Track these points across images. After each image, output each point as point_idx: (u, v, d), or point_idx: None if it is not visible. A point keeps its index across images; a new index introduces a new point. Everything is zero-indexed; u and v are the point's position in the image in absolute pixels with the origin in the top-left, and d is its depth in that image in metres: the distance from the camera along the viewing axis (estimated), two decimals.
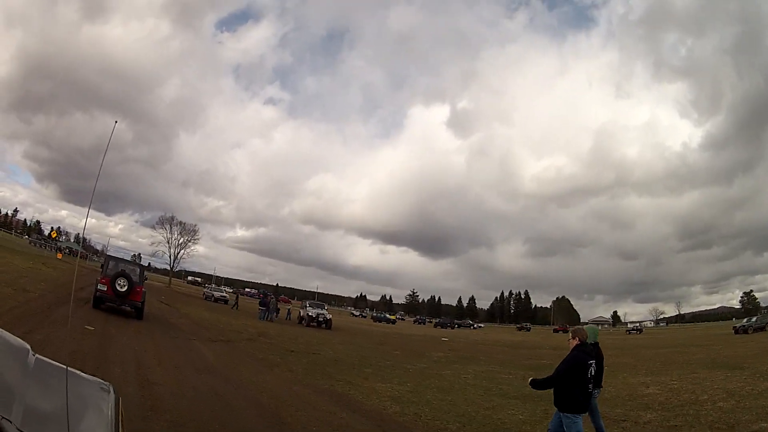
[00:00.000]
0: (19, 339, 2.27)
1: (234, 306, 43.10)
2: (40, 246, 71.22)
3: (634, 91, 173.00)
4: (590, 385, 6.24)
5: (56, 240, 73.12)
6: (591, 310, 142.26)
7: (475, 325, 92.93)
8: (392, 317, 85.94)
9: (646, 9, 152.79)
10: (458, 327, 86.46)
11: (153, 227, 74.52)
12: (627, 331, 77.34)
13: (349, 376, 12.87)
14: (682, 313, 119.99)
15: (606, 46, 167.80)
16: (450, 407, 10.08)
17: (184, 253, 74.09)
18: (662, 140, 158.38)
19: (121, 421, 2.06)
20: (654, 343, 36.66)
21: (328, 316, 36.13)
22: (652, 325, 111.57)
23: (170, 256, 73.00)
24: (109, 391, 2.24)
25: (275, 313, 36.61)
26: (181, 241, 73.37)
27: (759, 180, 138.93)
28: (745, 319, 53.76)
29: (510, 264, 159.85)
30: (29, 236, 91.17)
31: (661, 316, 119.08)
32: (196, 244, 76.62)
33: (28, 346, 2.20)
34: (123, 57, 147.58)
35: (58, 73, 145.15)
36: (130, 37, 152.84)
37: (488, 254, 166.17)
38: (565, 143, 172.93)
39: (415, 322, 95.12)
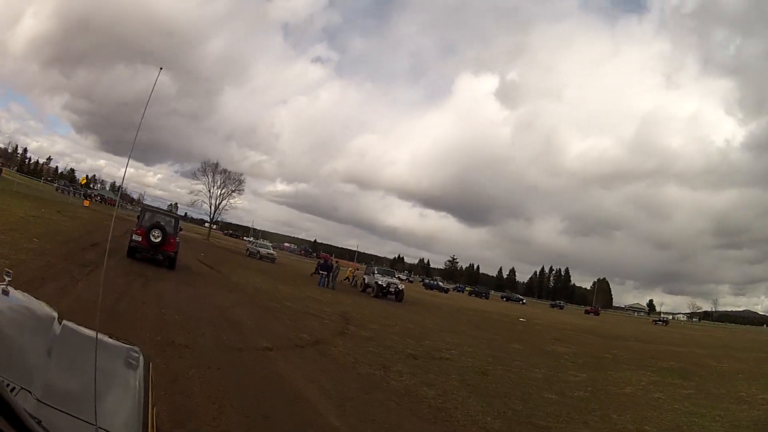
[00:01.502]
0: (46, 305, 2.12)
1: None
2: (68, 193, 64.46)
3: (682, 82, 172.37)
4: None
5: (86, 187, 66.96)
6: (622, 295, 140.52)
7: (524, 300, 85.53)
8: (446, 286, 78.21)
9: (697, 2, 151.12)
10: (506, 300, 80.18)
11: (194, 174, 67.65)
12: (654, 321, 75.36)
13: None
14: (709, 311, 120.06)
15: (658, 34, 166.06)
16: None
17: (226, 204, 67.03)
18: (706, 134, 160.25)
19: (151, 386, 1.86)
20: (721, 343, 34.02)
21: (401, 287, 29.89)
22: (685, 318, 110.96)
23: (210, 206, 66.10)
24: (138, 357, 2.03)
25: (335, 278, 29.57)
26: (223, 191, 66.26)
27: None
28: None
29: (545, 239, 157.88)
30: (57, 182, 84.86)
31: (698, 311, 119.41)
32: (240, 194, 69.47)
33: (56, 313, 2.01)
34: (168, 12, 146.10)
35: (100, 27, 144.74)
36: None
37: (525, 227, 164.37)
38: (611, 126, 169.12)
39: (454, 289, 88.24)
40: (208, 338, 8.32)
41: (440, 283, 79.02)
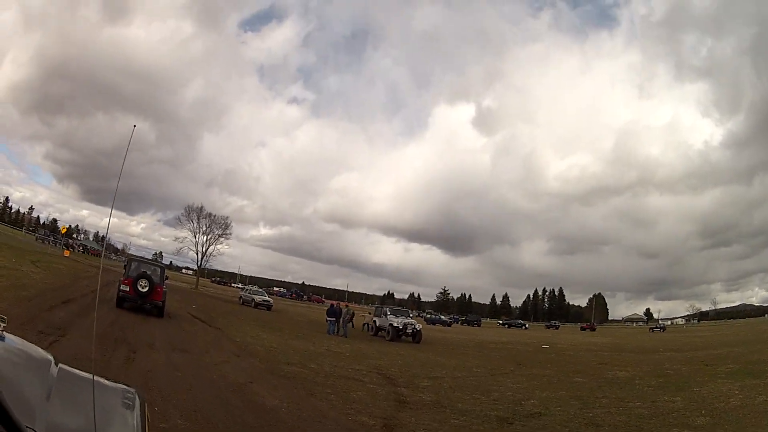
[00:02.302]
0: (41, 349, 2.03)
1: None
2: (48, 242, 59.73)
3: (656, 91, 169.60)
4: None
5: (66, 236, 62.20)
6: (614, 307, 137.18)
7: (526, 325, 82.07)
8: (447, 319, 74.07)
9: (666, 10, 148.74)
10: (508, 327, 77.45)
11: (178, 219, 62.45)
12: (651, 329, 72.95)
13: None
14: (705, 310, 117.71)
15: (629, 46, 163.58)
16: None
17: (213, 249, 61.94)
18: (684, 139, 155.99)
19: (147, 426, 1.82)
20: (741, 339, 32.65)
21: (418, 327, 26.39)
22: (683, 322, 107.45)
23: (197, 254, 61.04)
24: (134, 398, 1.98)
25: (347, 325, 25.65)
26: (209, 237, 61.38)
27: None
28: None
29: (533, 262, 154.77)
30: (37, 232, 79.49)
31: (697, 312, 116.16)
32: (228, 239, 64.38)
33: (51, 357, 1.92)
34: (145, 58, 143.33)
35: (78, 74, 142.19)
36: (152, 38, 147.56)
37: (511, 252, 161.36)
38: (588, 142, 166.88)
39: (451, 320, 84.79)
40: None
41: (442, 317, 75.19)
